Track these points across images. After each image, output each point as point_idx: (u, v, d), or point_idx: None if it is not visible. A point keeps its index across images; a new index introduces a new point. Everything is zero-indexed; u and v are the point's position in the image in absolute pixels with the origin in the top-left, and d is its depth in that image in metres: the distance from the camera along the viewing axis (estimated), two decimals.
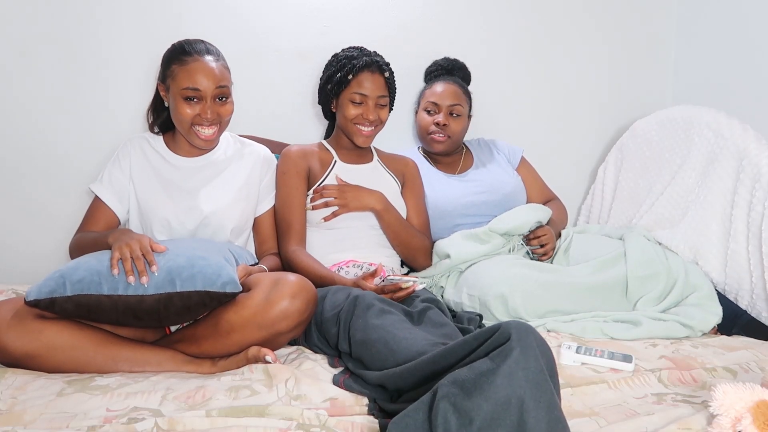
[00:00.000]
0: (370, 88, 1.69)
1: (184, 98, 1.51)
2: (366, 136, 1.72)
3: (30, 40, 1.81)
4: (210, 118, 1.52)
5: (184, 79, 1.50)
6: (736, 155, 1.70)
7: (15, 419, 1.03)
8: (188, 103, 1.52)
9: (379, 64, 1.71)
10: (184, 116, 1.52)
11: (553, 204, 2.03)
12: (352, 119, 1.70)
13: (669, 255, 1.70)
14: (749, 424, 0.95)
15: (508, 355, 0.92)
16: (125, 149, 1.63)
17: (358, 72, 1.69)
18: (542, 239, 1.80)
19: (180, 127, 1.56)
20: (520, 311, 1.54)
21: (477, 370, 0.92)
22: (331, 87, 1.73)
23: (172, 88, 1.53)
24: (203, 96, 1.51)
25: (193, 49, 1.52)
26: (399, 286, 1.44)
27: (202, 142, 1.56)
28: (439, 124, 1.90)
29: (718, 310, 1.57)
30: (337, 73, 1.71)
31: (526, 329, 0.97)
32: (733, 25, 2.10)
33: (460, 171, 1.99)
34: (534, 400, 0.89)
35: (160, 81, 1.58)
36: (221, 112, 1.55)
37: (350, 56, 1.72)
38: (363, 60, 1.69)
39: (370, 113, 1.69)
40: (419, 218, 1.85)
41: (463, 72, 2.06)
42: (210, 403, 1.09)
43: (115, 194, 1.59)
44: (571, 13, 2.25)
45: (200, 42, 1.56)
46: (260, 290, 1.29)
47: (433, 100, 1.92)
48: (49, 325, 1.23)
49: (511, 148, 2.08)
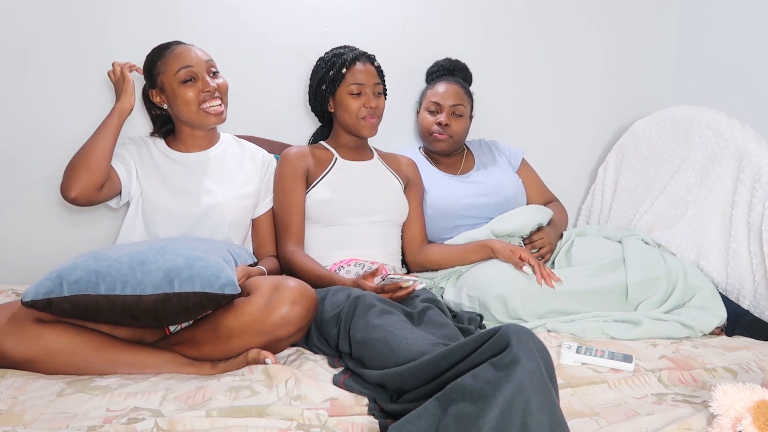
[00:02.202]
0: (365, 77, 1.72)
1: (181, 82, 1.55)
2: (372, 125, 1.75)
3: (31, 40, 1.81)
4: (212, 90, 1.56)
5: (174, 63, 1.55)
6: (736, 155, 1.70)
7: (15, 419, 1.03)
8: (187, 86, 1.55)
9: (367, 54, 1.76)
10: (188, 99, 1.55)
11: (553, 206, 2.03)
12: (355, 112, 1.72)
13: (668, 258, 1.70)
14: (749, 424, 0.95)
15: (513, 364, 0.92)
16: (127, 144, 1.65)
17: (351, 64, 1.72)
18: (536, 244, 1.80)
19: (188, 113, 1.57)
20: (520, 312, 1.54)
21: (482, 379, 0.93)
22: (326, 87, 1.75)
23: (165, 81, 1.56)
24: (197, 72, 1.55)
25: (169, 44, 1.60)
26: (399, 286, 1.44)
27: (214, 118, 1.59)
28: (441, 123, 1.90)
29: (722, 312, 1.57)
30: (330, 71, 1.74)
31: (525, 333, 0.97)
32: (733, 25, 2.09)
33: (461, 172, 1.99)
34: (537, 404, 0.90)
35: (150, 88, 1.61)
36: (220, 86, 1.59)
37: (338, 53, 1.77)
38: (352, 53, 1.74)
39: (371, 100, 1.72)
40: (420, 219, 1.86)
41: (464, 72, 2.06)
42: (210, 404, 1.09)
43: (123, 164, 1.60)
44: (570, 14, 2.25)
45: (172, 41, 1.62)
46: (260, 296, 1.29)
47: (436, 100, 1.92)
48: (47, 330, 1.23)
49: (512, 150, 2.08)
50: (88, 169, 1.47)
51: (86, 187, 1.47)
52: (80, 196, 1.47)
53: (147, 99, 1.66)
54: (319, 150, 1.80)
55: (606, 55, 2.31)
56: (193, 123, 1.61)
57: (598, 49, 2.30)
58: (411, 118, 2.15)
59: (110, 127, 1.52)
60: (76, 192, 1.46)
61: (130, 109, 1.55)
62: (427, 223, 1.89)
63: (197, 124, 1.61)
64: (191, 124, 1.62)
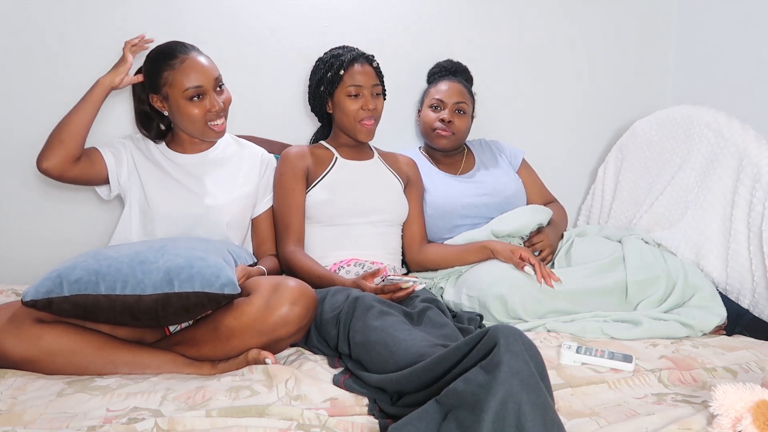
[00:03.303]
0: (363, 78, 1.71)
1: (188, 99, 1.53)
2: (368, 130, 1.74)
3: (32, 40, 1.81)
4: (218, 110, 1.55)
5: (183, 80, 1.52)
6: (736, 155, 1.70)
7: (15, 419, 1.03)
8: (194, 103, 1.53)
9: (365, 55, 1.75)
10: (195, 117, 1.54)
11: (553, 206, 2.03)
12: (353, 114, 1.71)
13: (668, 257, 1.70)
14: (749, 424, 0.95)
15: (499, 365, 0.92)
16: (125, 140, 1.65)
17: (348, 66, 1.71)
18: (537, 246, 1.80)
19: (192, 127, 1.57)
20: (520, 312, 1.54)
21: (473, 382, 0.93)
22: (324, 88, 1.74)
23: (172, 94, 1.54)
24: (206, 91, 1.53)
25: (175, 51, 1.55)
26: (399, 286, 1.44)
27: (216, 134, 1.60)
28: (444, 120, 1.89)
29: (722, 311, 1.57)
30: (328, 73, 1.73)
31: (513, 334, 0.97)
32: (732, 25, 2.09)
33: (461, 172, 1.99)
34: (530, 404, 0.90)
35: (151, 92, 1.58)
36: (224, 101, 1.58)
37: (336, 54, 1.76)
38: (350, 54, 1.73)
39: (369, 102, 1.71)
40: (420, 219, 1.86)
41: (465, 74, 2.06)
42: (210, 404, 1.09)
43: (113, 154, 1.60)
44: (570, 14, 2.25)
45: (176, 43, 1.58)
46: (260, 296, 1.29)
47: (439, 97, 1.92)
48: (47, 330, 1.23)
49: (512, 150, 2.08)
50: (60, 141, 1.49)
51: (59, 159, 1.49)
52: (52, 168, 1.49)
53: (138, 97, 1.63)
54: (319, 149, 1.80)
55: (606, 55, 2.31)
56: (195, 136, 1.62)
57: (598, 49, 2.30)
58: (410, 118, 2.15)
59: (89, 101, 1.52)
60: (47, 163, 1.48)
61: (113, 87, 1.54)
62: (427, 222, 1.89)
63: (198, 137, 1.62)
64: (192, 136, 1.63)
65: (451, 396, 0.94)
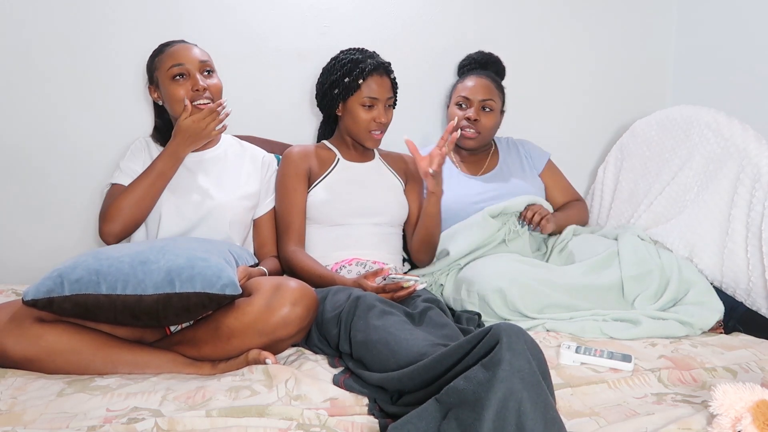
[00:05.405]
0: (380, 91, 1.68)
1: (171, 78, 1.54)
2: (377, 140, 1.73)
3: (33, 41, 1.81)
4: (201, 89, 1.54)
5: (168, 60, 1.55)
6: (735, 155, 1.70)
7: (15, 419, 1.03)
8: (177, 82, 1.54)
9: (385, 66, 1.71)
10: (179, 97, 1.53)
11: (574, 204, 2.03)
12: (364, 124, 1.69)
13: (662, 253, 1.70)
14: (749, 424, 0.95)
15: (500, 363, 0.92)
16: (139, 145, 1.66)
17: (368, 76, 1.67)
18: (531, 209, 1.82)
19: (177, 110, 1.55)
20: (519, 305, 1.54)
21: (474, 380, 0.93)
22: (338, 92, 1.70)
23: (159, 77, 1.56)
24: (189, 71, 1.54)
25: (171, 42, 1.60)
26: (400, 285, 1.44)
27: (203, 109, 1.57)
28: (470, 119, 1.89)
29: (719, 306, 1.57)
30: (345, 78, 1.68)
31: (515, 332, 0.97)
32: (733, 25, 2.10)
33: (483, 172, 1.98)
34: (531, 403, 0.90)
35: (150, 84, 1.61)
36: (210, 86, 1.56)
37: (355, 60, 1.70)
38: (369, 63, 1.68)
39: (382, 116, 1.69)
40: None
41: (497, 66, 2.03)
42: (210, 403, 1.09)
43: None
44: (570, 14, 2.25)
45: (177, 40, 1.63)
46: (261, 296, 1.29)
47: (465, 95, 1.91)
48: (48, 330, 1.23)
49: (537, 152, 2.08)
50: (135, 222, 1.54)
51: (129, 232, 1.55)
52: (120, 239, 1.55)
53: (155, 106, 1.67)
54: (321, 150, 1.80)
55: (606, 55, 2.32)
56: None
57: (598, 49, 2.30)
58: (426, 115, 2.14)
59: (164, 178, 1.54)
60: (117, 239, 1.54)
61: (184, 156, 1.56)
62: None
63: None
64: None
65: (452, 394, 0.94)
